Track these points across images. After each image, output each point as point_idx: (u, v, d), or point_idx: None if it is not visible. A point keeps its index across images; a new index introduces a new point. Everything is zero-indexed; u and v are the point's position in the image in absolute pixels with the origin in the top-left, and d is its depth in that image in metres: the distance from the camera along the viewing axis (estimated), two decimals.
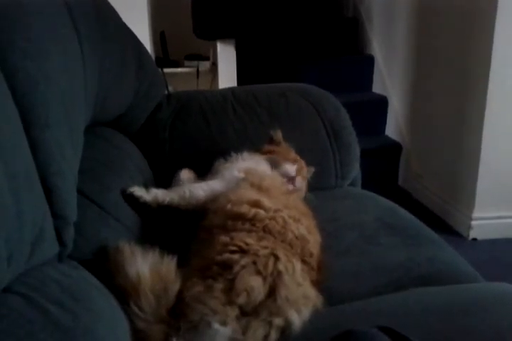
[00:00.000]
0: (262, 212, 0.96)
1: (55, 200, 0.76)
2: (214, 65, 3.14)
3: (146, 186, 1.09)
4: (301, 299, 0.82)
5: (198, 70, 3.05)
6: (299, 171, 1.21)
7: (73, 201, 0.82)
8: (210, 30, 2.86)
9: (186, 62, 3.22)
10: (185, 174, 1.23)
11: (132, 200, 1.03)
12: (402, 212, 1.28)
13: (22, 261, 0.60)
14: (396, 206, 1.32)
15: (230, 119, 1.40)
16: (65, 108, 0.84)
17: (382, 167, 2.85)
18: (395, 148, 2.84)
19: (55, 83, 0.82)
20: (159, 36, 3.17)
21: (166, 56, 3.17)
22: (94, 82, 1.06)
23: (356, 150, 1.47)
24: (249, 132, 1.39)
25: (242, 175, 1.12)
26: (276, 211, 0.97)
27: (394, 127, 2.95)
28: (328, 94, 1.57)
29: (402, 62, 2.82)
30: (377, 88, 3.17)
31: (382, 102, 3.02)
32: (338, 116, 1.48)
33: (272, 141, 1.30)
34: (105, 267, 0.81)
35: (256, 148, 1.29)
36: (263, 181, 1.08)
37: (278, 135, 1.31)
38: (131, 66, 1.30)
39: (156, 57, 3.06)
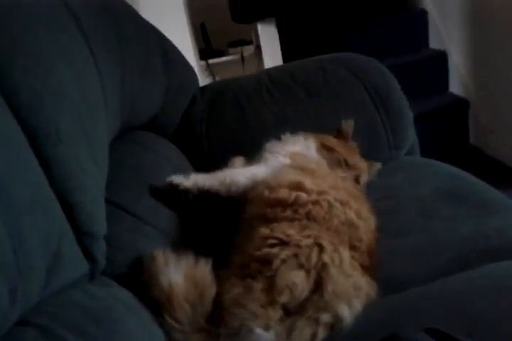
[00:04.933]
0: (303, 195, 0.89)
1: (78, 216, 0.74)
2: (258, 48, 3.07)
3: None
4: (352, 291, 0.75)
5: (242, 56, 2.98)
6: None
7: (100, 215, 0.80)
8: (247, 12, 2.79)
9: (230, 50, 3.17)
10: (238, 161, 1.17)
11: (169, 196, 0.99)
12: (467, 177, 1.16)
13: (35, 290, 0.58)
14: (459, 171, 1.19)
15: (266, 103, 1.33)
16: (81, 120, 0.82)
17: (451, 126, 2.66)
18: (461, 104, 2.63)
19: (63, 96, 0.79)
20: (200, 28, 3.13)
21: (209, 47, 3.14)
22: (115, 87, 1.03)
23: (408, 116, 1.35)
24: (288, 113, 1.31)
25: (288, 160, 1.05)
26: (320, 193, 0.90)
27: (458, 83, 2.73)
28: (371, 59, 1.45)
29: (458, 12, 2.59)
30: (434, 43, 2.94)
31: (441, 58, 2.80)
32: (383, 81, 1.36)
33: (340, 132, 1.20)
34: (140, 279, 0.79)
35: (320, 133, 1.20)
36: (307, 163, 1.01)
37: (348, 127, 1.19)
38: (156, 64, 1.27)
39: (200, 50, 3.03)
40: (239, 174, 1.02)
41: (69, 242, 0.71)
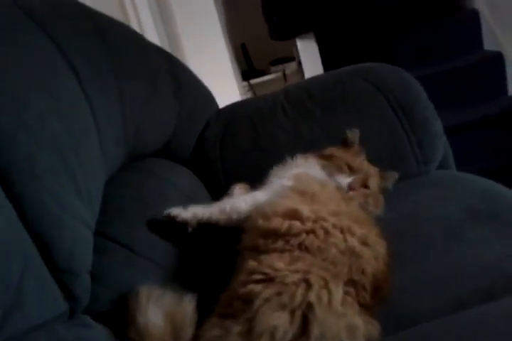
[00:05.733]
0: (297, 224, 0.82)
1: (54, 253, 0.72)
2: (300, 65, 3.02)
3: None
4: (345, 333, 0.66)
5: (284, 73, 2.94)
6: (358, 183, 1.01)
7: (82, 251, 0.77)
8: (284, 29, 2.75)
9: (272, 68, 3.15)
10: (239, 189, 1.12)
11: (168, 228, 0.95)
12: (503, 193, 1.02)
13: None
14: (495, 186, 1.06)
15: (280, 123, 1.26)
16: (62, 154, 0.80)
17: None
18: None
19: (40, 130, 0.78)
20: (241, 49, 3.14)
21: (250, 67, 3.14)
22: (113, 115, 1.01)
23: (436, 126, 1.23)
24: (303, 132, 1.24)
25: (291, 182, 0.98)
26: (316, 221, 0.82)
27: None
28: (394, 68, 1.35)
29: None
30: (488, 45, 2.75)
31: (497, 59, 2.60)
32: (406, 90, 1.26)
33: (346, 141, 1.13)
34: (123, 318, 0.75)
35: (316, 150, 1.13)
36: (309, 186, 0.93)
37: (353, 135, 1.12)
38: (165, 88, 1.25)
39: (242, 71, 3.04)
40: (239, 201, 0.97)
41: (36, 281, 0.68)
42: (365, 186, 1.03)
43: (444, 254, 0.86)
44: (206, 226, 0.95)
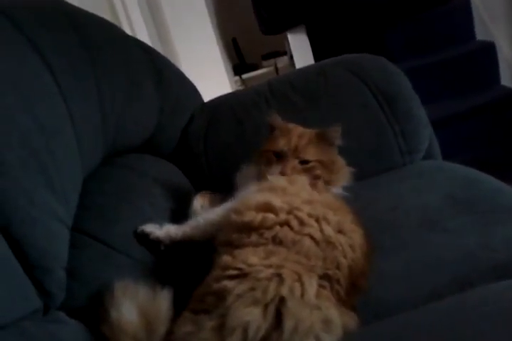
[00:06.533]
0: (271, 216, 0.81)
1: (26, 249, 0.71)
2: (292, 58, 3.00)
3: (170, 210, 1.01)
4: (319, 325, 0.65)
5: (276, 67, 2.93)
6: (288, 166, 0.94)
7: (56, 247, 0.77)
8: (274, 22, 2.73)
9: (264, 63, 3.13)
10: (199, 202, 1.03)
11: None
12: (487, 182, 1.01)
13: None
14: (479, 176, 1.04)
15: (263, 116, 1.24)
16: (33, 150, 0.79)
17: (506, 121, 2.42)
18: None
19: (9, 127, 0.76)
20: (232, 43, 3.12)
21: (242, 62, 3.12)
22: (91, 109, 1.00)
23: (420, 116, 1.21)
24: None
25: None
26: (290, 211, 0.81)
27: (509, 74, 2.49)
28: (379, 58, 1.34)
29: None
30: (480, 35, 2.73)
31: (489, 49, 2.58)
32: (389, 81, 1.24)
33: (272, 128, 1.06)
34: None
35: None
36: (277, 182, 0.91)
37: (274, 118, 1.05)
38: (146, 83, 1.23)
39: (234, 66, 3.02)
40: (211, 213, 0.93)
41: (6, 278, 0.67)
42: (303, 161, 0.97)
43: (423, 244, 0.85)
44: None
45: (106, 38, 1.13)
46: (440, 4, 2.83)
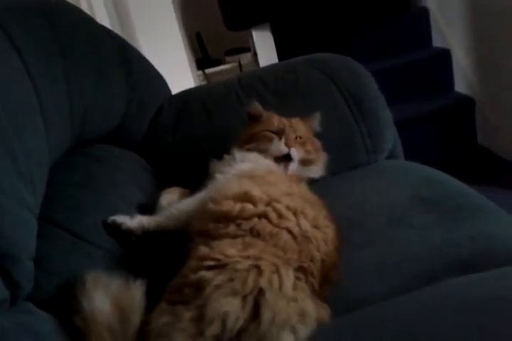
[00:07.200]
0: (249, 206, 0.81)
1: None
2: (256, 55, 3.01)
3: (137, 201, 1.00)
4: (296, 317, 0.66)
5: (239, 64, 2.93)
6: (291, 137, 1.04)
7: (24, 236, 0.74)
8: (239, 19, 2.73)
9: (227, 58, 3.12)
10: (166, 198, 1.02)
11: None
12: (446, 181, 1.06)
13: None
14: (439, 175, 1.09)
15: (234, 110, 1.26)
16: (2, 137, 0.76)
17: (458, 126, 2.53)
18: (467, 103, 2.51)
19: None
20: (196, 38, 3.10)
21: (205, 56, 3.10)
22: (60, 99, 0.97)
23: (386, 117, 1.25)
24: None
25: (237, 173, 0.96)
26: (269, 203, 0.82)
27: (463, 81, 2.60)
28: (346, 59, 1.37)
29: (460, 9, 2.48)
30: (437, 42, 2.83)
31: (445, 56, 2.69)
32: (358, 82, 1.28)
33: (252, 117, 1.13)
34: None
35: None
36: (255, 171, 0.92)
37: (255, 107, 1.14)
38: (115, 74, 1.21)
39: (197, 60, 3.00)
40: (185, 203, 0.93)
41: None
42: (297, 137, 1.06)
43: (391, 240, 0.88)
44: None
45: (77, 27, 1.10)
46: (402, 11, 2.92)
